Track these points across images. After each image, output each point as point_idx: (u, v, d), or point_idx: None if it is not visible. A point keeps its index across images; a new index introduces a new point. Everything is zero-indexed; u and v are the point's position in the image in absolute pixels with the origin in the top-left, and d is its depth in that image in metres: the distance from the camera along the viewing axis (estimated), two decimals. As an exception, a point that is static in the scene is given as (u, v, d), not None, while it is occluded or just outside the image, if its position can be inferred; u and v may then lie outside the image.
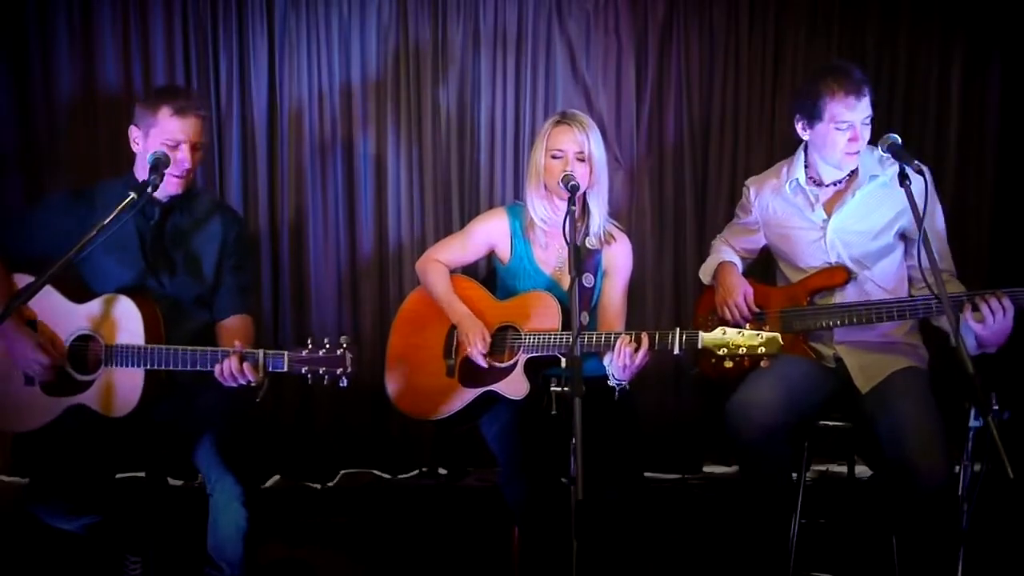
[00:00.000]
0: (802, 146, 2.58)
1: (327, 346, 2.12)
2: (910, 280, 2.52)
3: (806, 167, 2.56)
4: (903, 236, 2.49)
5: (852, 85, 2.37)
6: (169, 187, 2.31)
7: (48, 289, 2.27)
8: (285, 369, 2.14)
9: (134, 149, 2.36)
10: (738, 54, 3.21)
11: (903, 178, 2.21)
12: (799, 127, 2.52)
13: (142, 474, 2.48)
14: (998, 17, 3.15)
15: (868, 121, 2.41)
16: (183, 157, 2.29)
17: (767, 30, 3.20)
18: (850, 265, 2.48)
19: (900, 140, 2.29)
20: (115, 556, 2.40)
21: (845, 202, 2.49)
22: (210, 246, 2.42)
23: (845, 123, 2.38)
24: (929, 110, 3.21)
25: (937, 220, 2.48)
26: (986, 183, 3.21)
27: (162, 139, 2.28)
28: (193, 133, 2.30)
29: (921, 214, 2.10)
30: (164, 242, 2.37)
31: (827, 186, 2.53)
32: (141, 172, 2.35)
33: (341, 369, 2.12)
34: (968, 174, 3.20)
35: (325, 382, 2.13)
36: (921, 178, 2.20)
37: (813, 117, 2.44)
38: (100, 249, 2.22)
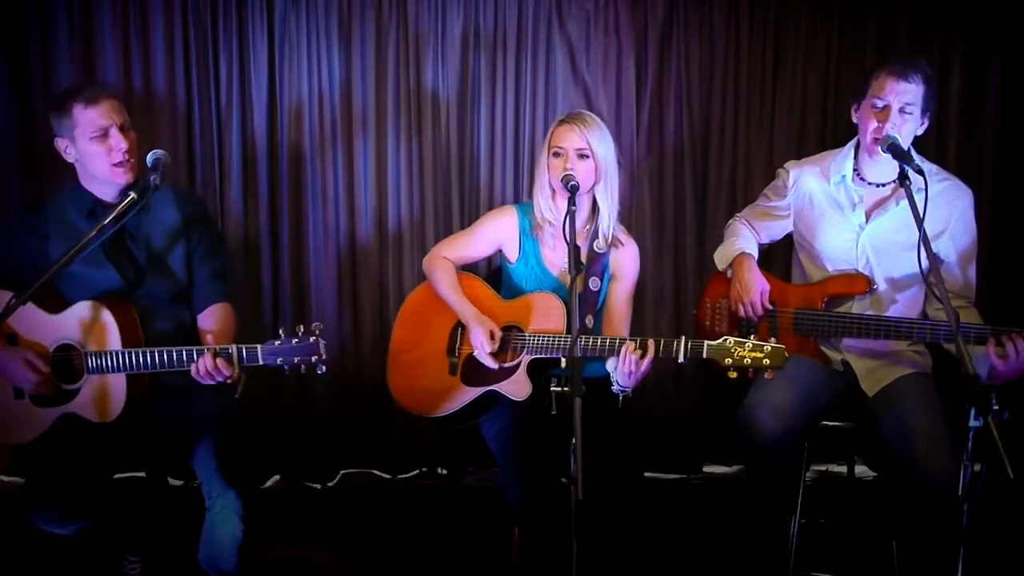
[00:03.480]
0: (853, 141, 2.51)
1: (300, 335, 2.10)
2: (926, 296, 2.48)
3: (854, 161, 2.48)
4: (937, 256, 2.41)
5: (899, 66, 2.31)
6: (116, 177, 2.25)
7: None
8: (261, 362, 2.11)
9: (68, 160, 2.29)
10: (738, 54, 3.21)
11: (903, 178, 2.20)
12: (852, 110, 2.46)
13: (142, 474, 2.48)
14: (998, 16, 3.15)
15: (908, 110, 2.31)
16: (116, 142, 2.22)
17: (767, 30, 3.20)
18: (876, 279, 2.43)
19: (900, 140, 2.30)
20: (114, 556, 2.40)
21: (888, 208, 2.42)
22: (173, 236, 2.35)
23: (881, 102, 2.31)
24: (929, 110, 3.22)
25: (964, 240, 2.42)
26: (986, 183, 3.21)
27: (89, 135, 2.22)
28: (115, 115, 2.24)
29: (921, 216, 2.10)
30: (124, 240, 2.32)
31: (871, 185, 2.46)
32: (87, 181, 2.31)
33: (316, 357, 2.09)
34: (968, 174, 3.19)
35: (303, 371, 2.10)
36: (921, 179, 2.20)
37: (859, 95, 2.39)
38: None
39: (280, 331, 2.11)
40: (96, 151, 2.23)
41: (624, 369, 2.20)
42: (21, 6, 2.99)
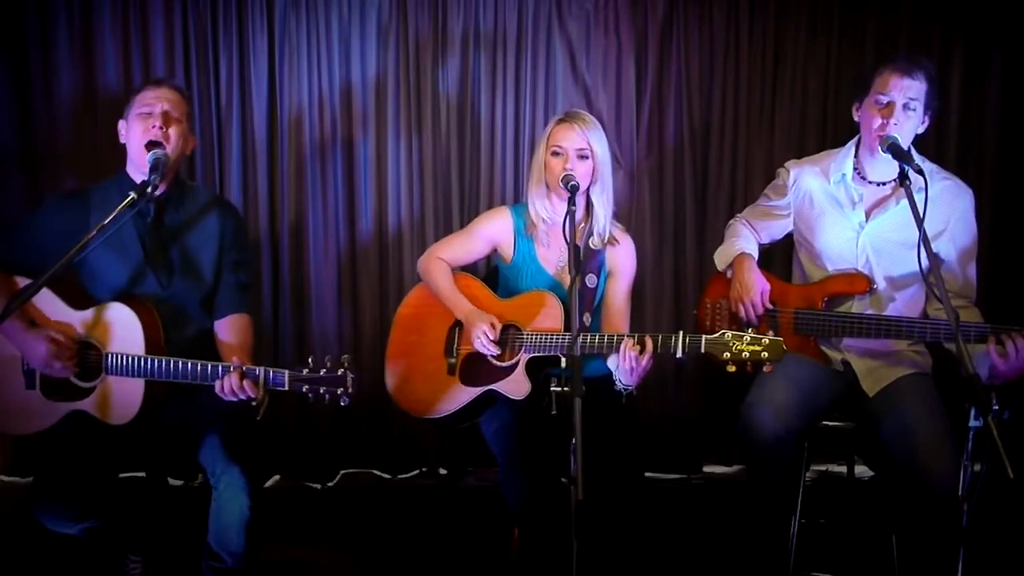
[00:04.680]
0: (853, 140, 2.51)
1: (328, 366, 2.11)
2: (927, 296, 2.48)
3: (854, 160, 2.48)
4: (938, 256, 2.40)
5: (903, 63, 2.33)
6: (139, 158, 2.27)
7: (49, 294, 2.26)
8: (286, 387, 2.14)
9: (121, 141, 2.35)
10: (738, 54, 3.21)
11: (903, 178, 2.20)
12: (853, 109, 2.46)
13: (142, 474, 2.48)
14: (998, 17, 3.15)
15: (912, 106, 2.32)
16: (154, 122, 2.25)
17: (767, 30, 3.20)
18: (876, 278, 2.43)
19: (900, 140, 2.30)
20: (116, 556, 2.40)
21: (888, 208, 2.42)
22: (208, 244, 2.38)
23: (885, 97, 2.32)
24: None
25: (964, 240, 2.42)
26: (986, 183, 3.21)
27: (137, 110, 2.28)
28: (167, 102, 2.28)
29: (921, 215, 2.10)
30: (162, 239, 2.34)
31: (871, 184, 2.46)
32: (129, 166, 2.34)
33: (342, 390, 2.10)
34: (968, 174, 3.19)
35: (326, 401, 2.12)
36: (922, 179, 2.20)
37: (861, 92, 2.40)
38: (100, 250, 2.21)
39: (310, 359, 2.13)
40: (136, 127, 2.28)
41: (624, 366, 2.20)
42: (21, 6, 2.99)
